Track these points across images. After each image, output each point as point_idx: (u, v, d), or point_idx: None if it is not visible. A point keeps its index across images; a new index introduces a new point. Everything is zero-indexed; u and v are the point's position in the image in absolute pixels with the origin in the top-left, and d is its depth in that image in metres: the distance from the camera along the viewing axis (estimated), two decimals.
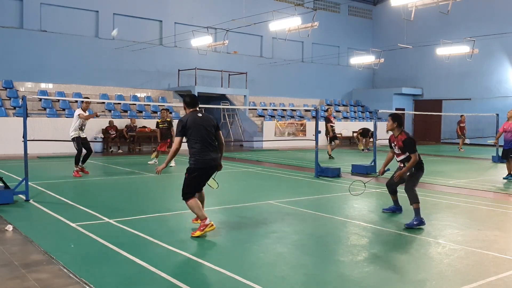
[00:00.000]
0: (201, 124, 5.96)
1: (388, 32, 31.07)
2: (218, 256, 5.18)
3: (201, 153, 5.91)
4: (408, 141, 6.76)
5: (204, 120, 6.04)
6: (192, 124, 5.93)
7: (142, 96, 22.96)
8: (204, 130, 5.95)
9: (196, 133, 5.91)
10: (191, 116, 6.03)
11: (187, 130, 5.93)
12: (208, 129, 5.99)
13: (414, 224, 6.52)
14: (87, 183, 10.65)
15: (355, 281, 4.47)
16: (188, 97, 6.25)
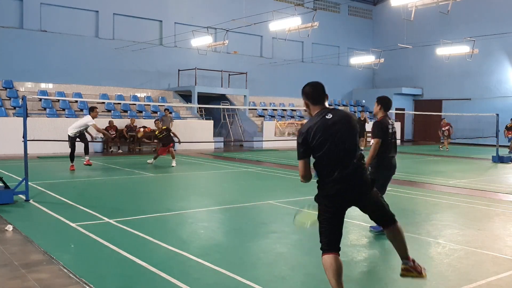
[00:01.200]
0: (332, 133, 3.70)
1: (388, 32, 31.08)
2: (218, 256, 5.18)
3: (329, 179, 3.72)
4: (374, 124, 6.19)
5: (339, 123, 3.75)
6: (320, 133, 3.71)
7: (142, 96, 22.96)
8: (337, 141, 3.69)
9: (324, 149, 3.70)
10: (316, 122, 3.78)
11: (312, 145, 3.72)
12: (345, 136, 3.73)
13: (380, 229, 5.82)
14: (87, 183, 10.66)
15: (355, 281, 4.47)
16: (309, 86, 4.07)
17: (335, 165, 3.68)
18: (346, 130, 3.72)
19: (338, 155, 3.68)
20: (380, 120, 6.21)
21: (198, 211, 7.55)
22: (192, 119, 22.44)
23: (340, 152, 3.68)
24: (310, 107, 3.95)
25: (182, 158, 16.55)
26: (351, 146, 3.71)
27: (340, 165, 3.67)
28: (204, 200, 8.61)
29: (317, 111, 3.86)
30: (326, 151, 3.68)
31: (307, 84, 4.04)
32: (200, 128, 21.35)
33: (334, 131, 3.69)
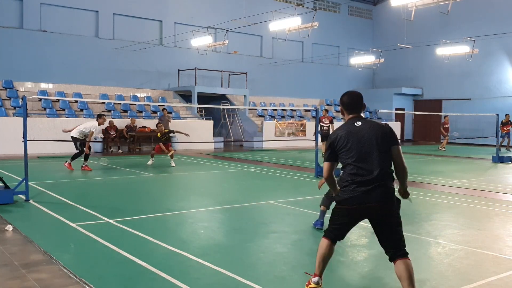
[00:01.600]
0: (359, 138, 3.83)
1: (388, 32, 31.08)
2: (218, 256, 5.18)
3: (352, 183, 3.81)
4: None
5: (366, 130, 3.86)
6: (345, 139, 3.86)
7: (142, 96, 22.96)
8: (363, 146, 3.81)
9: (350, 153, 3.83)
10: (345, 128, 3.92)
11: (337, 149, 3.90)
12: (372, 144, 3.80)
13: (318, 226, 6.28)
14: (87, 183, 10.66)
15: (355, 281, 4.47)
16: (347, 96, 4.07)
17: (360, 170, 3.76)
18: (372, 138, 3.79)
19: (362, 161, 3.77)
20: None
21: (198, 211, 7.55)
22: (192, 119, 22.44)
23: (369, 157, 3.77)
24: (345, 114, 4.06)
25: (182, 158, 16.55)
26: (380, 153, 3.77)
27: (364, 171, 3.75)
28: (204, 200, 8.61)
29: (350, 117, 4.00)
30: (349, 156, 3.81)
31: (346, 93, 4.11)
32: (200, 128, 21.35)
33: (360, 137, 3.81)
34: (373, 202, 3.74)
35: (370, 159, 3.76)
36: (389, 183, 3.80)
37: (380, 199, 3.75)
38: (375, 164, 3.74)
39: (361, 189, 3.74)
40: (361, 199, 3.74)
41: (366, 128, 3.84)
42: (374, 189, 3.73)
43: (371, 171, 3.73)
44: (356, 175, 3.76)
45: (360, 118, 3.95)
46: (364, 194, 3.73)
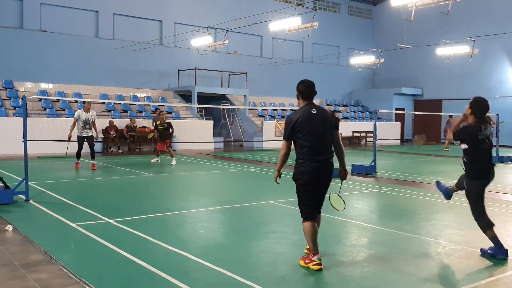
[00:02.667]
0: (314, 123, 4.68)
1: (388, 32, 31.08)
2: (218, 256, 5.18)
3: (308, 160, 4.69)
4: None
5: (319, 117, 4.73)
6: (303, 122, 4.66)
7: (142, 96, 22.96)
8: (317, 130, 4.68)
9: (306, 134, 4.66)
10: (303, 112, 4.73)
11: (297, 130, 4.69)
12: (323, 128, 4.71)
13: (487, 253, 5.26)
14: (87, 183, 10.66)
15: (355, 281, 4.47)
16: (303, 85, 4.84)
17: (313, 150, 4.66)
18: (323, 125, 4.72)
19: (315, 142, 4.67)
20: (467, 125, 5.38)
21: (198, 211, 7.55)
22: (192, 119, 22.44)
23: (319, 138, 4.68)
24: (300, 100, 4.88)
25: (182, 158, 16.55)
26: (326, 137, 4.73)
27: (316, 150, 4.67)
28: (204, 200, 8.61)
29: (304, 104, 4.81)
30: (306, 137, 4.66)
31: (302, 81, 4.91)
32: (200, 128, 21.35)
33: (315, 123, 4.68)
34: (323, 175, 4.72)
35: (321, 141, 4.69)
36: (332, 160, 4.77)
37: (328, 173, 4.75)
38: (325, 145, 4.72)
39: (315, 165, 4.66)
40: (315, 173, 4.67)
41: (319, 116, 4.72)
42: (324, 165, 4.70)
43: (322, 151, 4.69)
44: (311, 154, 4.66)
45: (314, 106, 4.79)
46: (317, 169, 4.67)
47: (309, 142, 4.66)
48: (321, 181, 4.75)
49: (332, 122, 4.77)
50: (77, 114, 12.54)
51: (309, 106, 4.77)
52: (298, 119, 4.67)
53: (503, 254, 5.13)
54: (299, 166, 4.73)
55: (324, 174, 4.73)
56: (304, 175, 4.69)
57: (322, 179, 4.74)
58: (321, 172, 4.69)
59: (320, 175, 4.70)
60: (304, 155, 4.69)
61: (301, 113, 4.71)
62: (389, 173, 12.73)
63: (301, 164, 4.72)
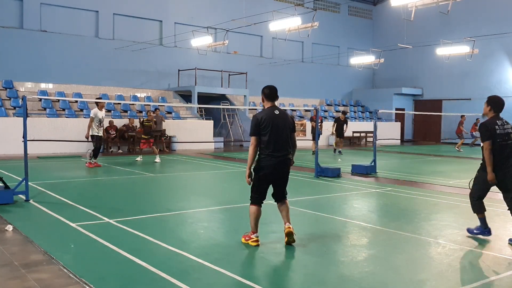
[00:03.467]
0: (276, 123, 5.37)
1: (388, 32, 31.08)
2: (218, 256, 5.18)
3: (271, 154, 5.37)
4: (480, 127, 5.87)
5: (281, 118, 5.43)
6: (267, 121, 5.35)
7: (142, 96, 22.96)
8: (278, 129, 5.37)
9: (269, 132, 5.34)
10: (268, 112, 5.43)
11: (261, 127, 5.35)
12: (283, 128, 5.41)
13: (474, 232, 6.07)
14: (87, 183, 10.66)
15: (355, 281, 4.47)
16: (268, 89, 5.56)
17: (274, 146, 5.34)
18: (284, 125, 5.42)
19: (276, 140, 5.35)
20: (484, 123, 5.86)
21: (198, 211, 7.55)
22: (192, 119, 22.43)
23: (279, 136, 5.37)
24: (265, 102, 5.55)
25: (182, 158, 16.56)
26: (286, 136, 5.42)
27: (277, 146, 5.35)
28: (204, 200, 8.61)
29: (269, 106, 5.51)
30: (270, 136, 5.33)
31: (266, 86, 5.57)
32: (200, 128, 21.35)
33: (277, 122, 5.37)
34: (281, 169, 5.43)
35: (281, 139, 5.38)
36: (290, 156, 5.51)
37: (286, 167, 5.47)
38: (284, 143, 5.40)
39: (274, 160, 5.35)
40: (274, 167, 5.38)
41: (281, 117, 5.44)
42: (282, 160, 5.40)
43: (281, 148, 5.38)
44: (272, 150, 5.33)
45: (277, 108, 5.50)
46: (276, 164, 5.37)
47: (271, 139, 5.34)
48: (279, 174, 5.47)
49: (291, 124, 5.52)
50: (94, 112, 12.71)
51: (272, 107, 5.49)
52: (263, 118, 5.35)
53: (488, 233, 5.97)
54: (261, 160, 5.40)
55: (282, 168, 5.45)
56: (264, 169, 5.38)
57: (280, 172, 5.47)
58: (279, 166, 5.42)
59: (278, 169, 5.42)
60: (265, 150, 5.36)
61: (265, 113, 5.42)
62: (389, 173, 12.73)
63: (263, 159, 5.39)
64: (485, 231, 5.99)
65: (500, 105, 5.90)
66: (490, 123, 5.80)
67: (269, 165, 5.36)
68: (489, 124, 5.78)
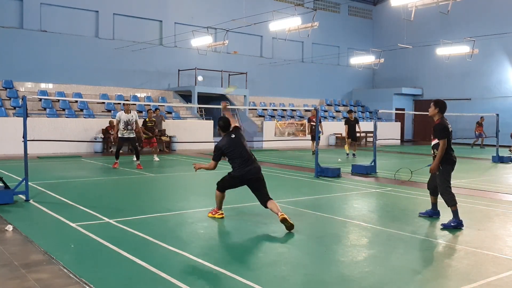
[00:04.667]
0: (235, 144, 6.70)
1: (388, 32, 31.08)
2: (218, 256, 5.18)
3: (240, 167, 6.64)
4: (436, 126, 6.79)
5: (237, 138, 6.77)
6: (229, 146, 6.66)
7: (142, 96, 22.96)
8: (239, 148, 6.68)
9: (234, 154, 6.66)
10: (227, 139, 6.73)
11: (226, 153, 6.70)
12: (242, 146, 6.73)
13: (451, 226, 6.49)
14: (87, 183, 10.66)
15: (355, 281, 4.47)
16: (222, 121, 6.84)
17: (242, 159, 6.65)
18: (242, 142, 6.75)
19: (242, 155, 6.67)
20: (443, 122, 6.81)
21: (198, 211, 7.55)
22: (192, 119, 22.44)
23: (243, 153, 6.69)
24: (221, 132, 6.88)
25: (182, 158, 16.56)
26: (246, 148, 6.75)
27: (243, 160, 6.65)
28: (204, 200, 8.61)
29: (225, 133, 6.82)
30: (235, 155, 6.67)
31: (220, 119, 6.88)
32: (200, 128, 21.35)
33: (237, 142, 6.72)
34: (252, 175, 6.62)
35: (244, 153, 6.68)
36: (256, 163, 6.76)
37: (255, 173, 6.64)
38: (247, 155, 6.69)
39: (245, 169, 6.60)
40: (248, 173, 6.60)
41: (237, 137, 6.75)
42: (251, 168, 6.63)
43: (247, 159, 6.66)
44: (241, 163, 6.63)
45: (233, 131, 6.80)
46: (248, 171, 6.61)
47: (238, 158, 6.63)
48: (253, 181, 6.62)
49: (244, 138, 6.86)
50: (118, 115, 12.79)
51: (229, 133, 6.78)
52: (224, 146, 6.67)
53: (461, 224, 6.51)
54: (236, 171, 6.68)
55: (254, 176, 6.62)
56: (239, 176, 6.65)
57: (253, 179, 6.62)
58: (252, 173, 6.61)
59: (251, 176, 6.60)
60: (237, 166, 6.65)
61: (225, 140, 6.70)
62: (389, 173, 12.73)
63: (236, 170, 6.67)
64: (460, 223, 6.51)
65: (445, 107, 7.07)
66: (446, 123, 6.81)
67: (244, 173, 6.62)
68: (446, 124, 6.78)
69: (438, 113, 6.98)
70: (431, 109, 7.09)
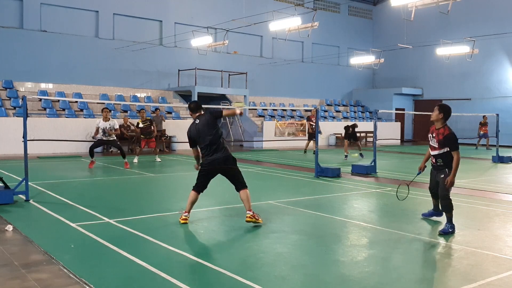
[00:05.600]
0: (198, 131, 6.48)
1: (388, 32, 31.08)
2: (218, 256, 5.18)
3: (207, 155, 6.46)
4: (450, 136, 6.42)
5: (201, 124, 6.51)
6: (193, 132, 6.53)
7: (142, 96, 22.96)
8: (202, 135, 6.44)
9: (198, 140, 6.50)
10: (191, 126, 6.62)
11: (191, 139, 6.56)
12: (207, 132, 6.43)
13: (449, 231, 6.22)
14: (87, 183, 10.66)
15: (355, 281, 4.47)
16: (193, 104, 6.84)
17: (207, 148, 6.43)
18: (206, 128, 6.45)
19: (205, 142, 6.43)
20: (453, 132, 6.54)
21: (198, 211, 7.54)
22: (192, 119, 22.38)
23: (206, 140, 6.41)
24: (192, 115, 6.75)
25: (182, 158, 16.56)
26: (211, 136, 6.41)
27: (209, 147, 6.42)
28: (204, 200, 8.60)
29: (194, 117, 6.67)
30: (200, 141, 6.48)
31: (192, 102, 6.88)
32: None
33: (200, 129, 6.49)
34: (217, 164, 6.43)
35: (207, 140, 6.41)
36: (225, 150, 6.45)
37: (220, 163, 6.42)
38: (210, 143, 6.39)
39: (210, 158, 6.41)
40: (213, 163, 6.42)
41: (201, 123, 6.50)
42: (216, 158, 6.40)
43: (211, 147, 6.40)
44: (207, 151, 6.42)
45: (198, 116, 6.60)
46: (213, 160, 6.41)
47: (202, 145, 6.46)
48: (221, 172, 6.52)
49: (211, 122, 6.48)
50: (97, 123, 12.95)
51: (195, 119, 6.61)
52: (189, 132, 6.58)
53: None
54: (204, 159, 6.52)
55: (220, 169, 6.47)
56: (205, 165, 6.49)
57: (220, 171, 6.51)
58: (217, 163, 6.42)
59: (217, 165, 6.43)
60: (204, 154, 6.49)
61: (190, 127, 6.60)
62: (389, 173, 12.73)
63: (204, 159, 6.52)
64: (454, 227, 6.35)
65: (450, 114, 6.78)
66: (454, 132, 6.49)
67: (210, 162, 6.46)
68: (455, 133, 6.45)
69: (441, 120, 6.64)
70: (435, 113, 6.67)
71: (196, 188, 6.57)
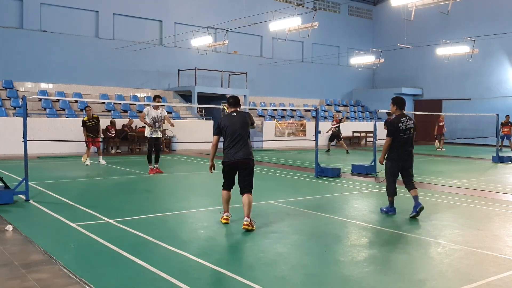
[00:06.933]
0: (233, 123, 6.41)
1: (388, 32, 31.08)
2: (218, 256, 5.18)
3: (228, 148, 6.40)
4: (387, 123, 7.36)
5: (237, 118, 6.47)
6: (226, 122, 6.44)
7: (142, 96, 22.96)
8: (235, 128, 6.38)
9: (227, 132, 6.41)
10: (227, 116, 6.55)
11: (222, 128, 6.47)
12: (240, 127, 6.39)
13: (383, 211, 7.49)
14: (87, 183, 10.66)
15: (355, 281, 4.47)
16: (232, 98, 6.74)
17: (235, 141, 6.35)
18: (241, 123, 6.40)
19: (235, 135, 6.35)
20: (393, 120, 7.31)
21: (198, 211, 7.55)
22: (192, 119, 22.44)
23: (237, 134, 6.35)
24: (228, 108, 6.68)
25: (182, 158, 16.56)
26: (242, 132, 6.38)
27: (237, 141, 6.35)
28: (204, 200, 8.61)
29: (230, 111, 6.58)
30: (227, 132, 6.38)
31: (231, 96, 6.73)
32: (200, 128, 21.35)
33: (235, 121, 6.40)
34: (241, 157, 6.34)
35: (236, 134, 6.34)
36: (248, 148, 6.44)
37: (242, 157, 6.35)
38: (238, 137, 6.35)
39: (230, 151, 6.35)
40: (236, 156, 6.32)
41: (237, 116, 6.44)
42: (241, 152, 6.34)
43: (239, 142, 6.34)
44: (233, 144, 6.33)
45: (235, 111, 6.52)
46: (236, 155, 6.33)
47: (228, 137, 6.36)
48: (239, 167, 6.43)
49: (247, 121, 6.48)
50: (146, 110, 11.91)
51: (232, 112, 6.54)
52: (222, 120, 6.51)
53: (393, 211, 7.46)
54: (224, 155, 6.43)
55: (241, 162, 6.37)
56: (227, 162, 6.43)
57: (239, 166, 6.40)
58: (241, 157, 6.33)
59: (240, 158, 6.33)
60: (226, 147, 6.38)
61: (225, 116, 6.53)
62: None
63: (225, 153, 6.40)
64: (392, 209, 7.45)
65: (403, 104, 7.40)
66: (396, 121, 7.22)
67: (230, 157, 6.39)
68: (394, 123, 7.21)
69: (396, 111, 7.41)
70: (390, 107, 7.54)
71: (225, 187, 6.64)
